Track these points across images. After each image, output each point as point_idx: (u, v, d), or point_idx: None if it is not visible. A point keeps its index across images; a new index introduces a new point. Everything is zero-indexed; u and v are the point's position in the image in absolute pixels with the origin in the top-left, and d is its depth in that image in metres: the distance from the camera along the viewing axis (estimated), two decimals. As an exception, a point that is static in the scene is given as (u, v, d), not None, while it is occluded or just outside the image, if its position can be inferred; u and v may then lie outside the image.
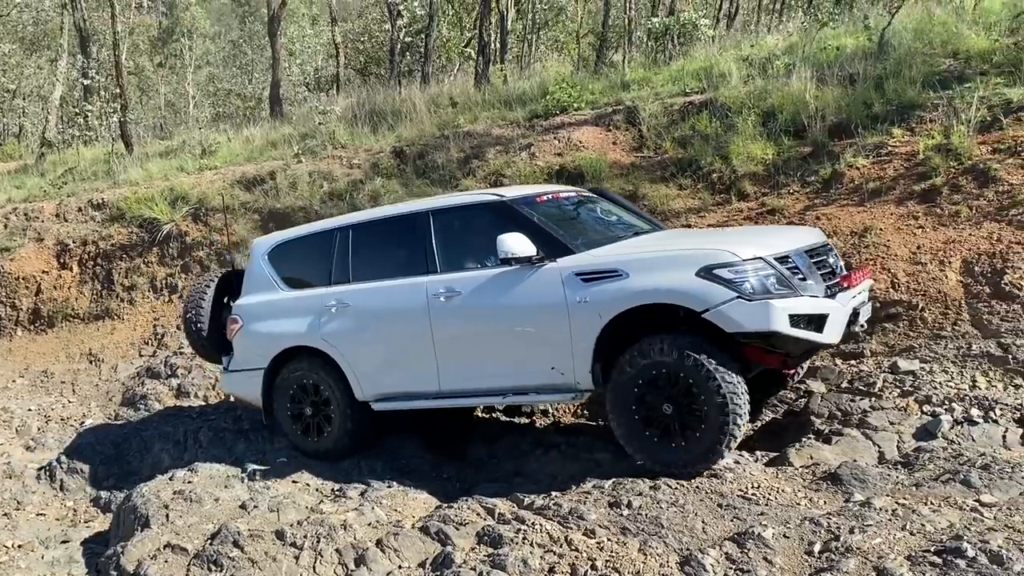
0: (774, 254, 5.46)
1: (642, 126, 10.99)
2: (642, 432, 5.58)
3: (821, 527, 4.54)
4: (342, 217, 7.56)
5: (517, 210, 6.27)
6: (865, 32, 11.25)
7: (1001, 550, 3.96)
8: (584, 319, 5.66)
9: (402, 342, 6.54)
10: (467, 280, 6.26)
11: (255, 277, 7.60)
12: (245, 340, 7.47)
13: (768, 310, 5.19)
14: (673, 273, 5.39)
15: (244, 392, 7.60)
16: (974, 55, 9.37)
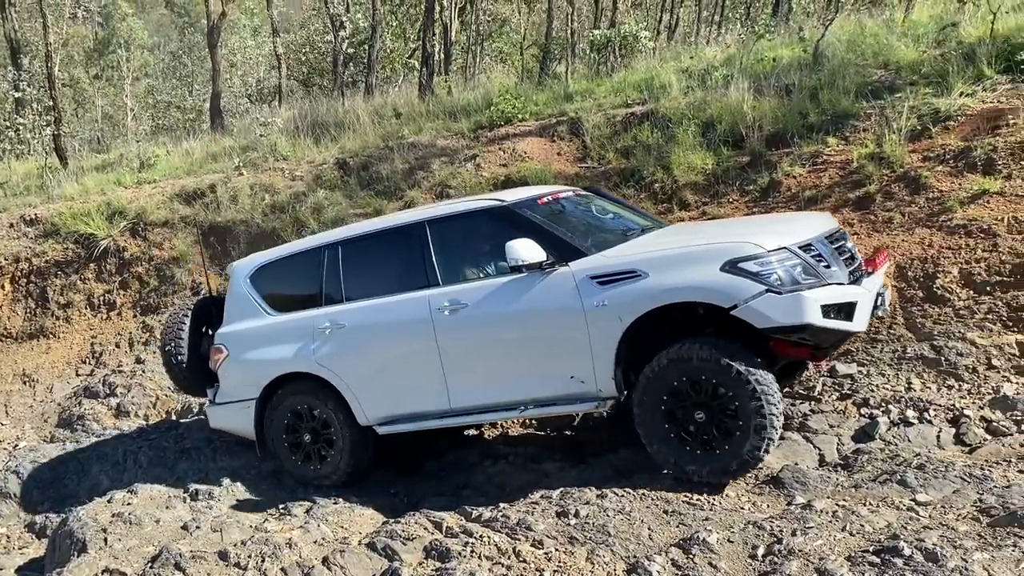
0: (798, 243, 5.26)
1: (586, 137, 11.09)
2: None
3: (764, 530, 4.62)
4: (329, 233, 7.17)
5: (520, 214, 6.02)
6: (800, 44, 11.52)
7: (936, 548, 4.06)
8: (603, 324, 5.43)
9: (406, 361, 6.24)
10: (473, 291, 5.97)
11: (238, 302, 7.16)
12: (232, 370, 7.04)
13: (801, 302, 4.99)
14: (696, 270, 5.17)
15: (235, 425, 7.17)
16: (904, 66, 9.65)
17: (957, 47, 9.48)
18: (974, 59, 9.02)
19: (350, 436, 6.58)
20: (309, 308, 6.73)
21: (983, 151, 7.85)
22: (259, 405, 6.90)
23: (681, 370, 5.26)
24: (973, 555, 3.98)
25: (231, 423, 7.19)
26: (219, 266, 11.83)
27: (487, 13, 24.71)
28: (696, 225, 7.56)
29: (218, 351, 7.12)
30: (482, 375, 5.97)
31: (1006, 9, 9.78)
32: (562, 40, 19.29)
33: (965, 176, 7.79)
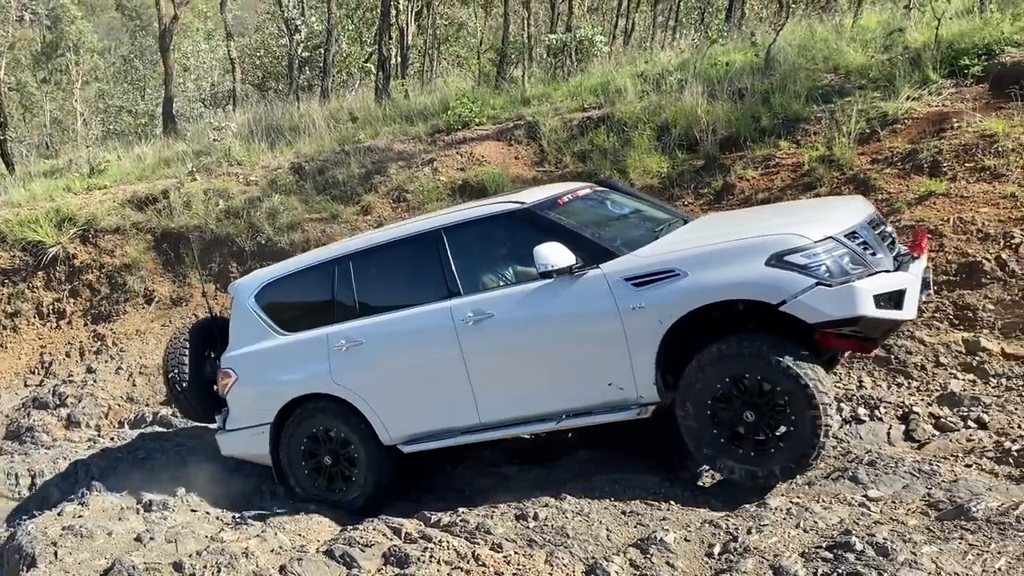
0: (843, 231, 5.04)
1: (543, 141, 11.15)
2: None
3: (720, 529, 4.66)
4: (336, 246, 6.84)
5: (543, 216, 5.75)
6: (752, 48, 11.69)
7: (886, 542, 4.14)
8: (642, 327, 5.18)
9: (430, 376, 5.95)
10: (498, 299, 5.70)
11: (243, 323, 6.79)
12: (242, 395, 6.70)
13: (853, 294, 4.77)
14: (739, 266, 4.93)
15: (249, 452, 6.82)
16: (853, 70, 9.86)
17: (904, 52, 9.71)
18: (920, 64, 9.25)
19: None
20: (321, 326, 6.39)
21: (929, 153, 8.04)
22: (274, 430, 6.56)
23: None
24: (922, 548, 4.06)
25: (245, 450, 6.84)
26: (172, 273, 11.66)
27: (444, 17, 24.70)
28: (726, 216, 7.19)
29: (226, 375, 6.76)
30: (513, 387, 5.70)
31: (950, 15, 10.04)
32: (519, 44, 19.36)
33: (912, 178, 7.98)
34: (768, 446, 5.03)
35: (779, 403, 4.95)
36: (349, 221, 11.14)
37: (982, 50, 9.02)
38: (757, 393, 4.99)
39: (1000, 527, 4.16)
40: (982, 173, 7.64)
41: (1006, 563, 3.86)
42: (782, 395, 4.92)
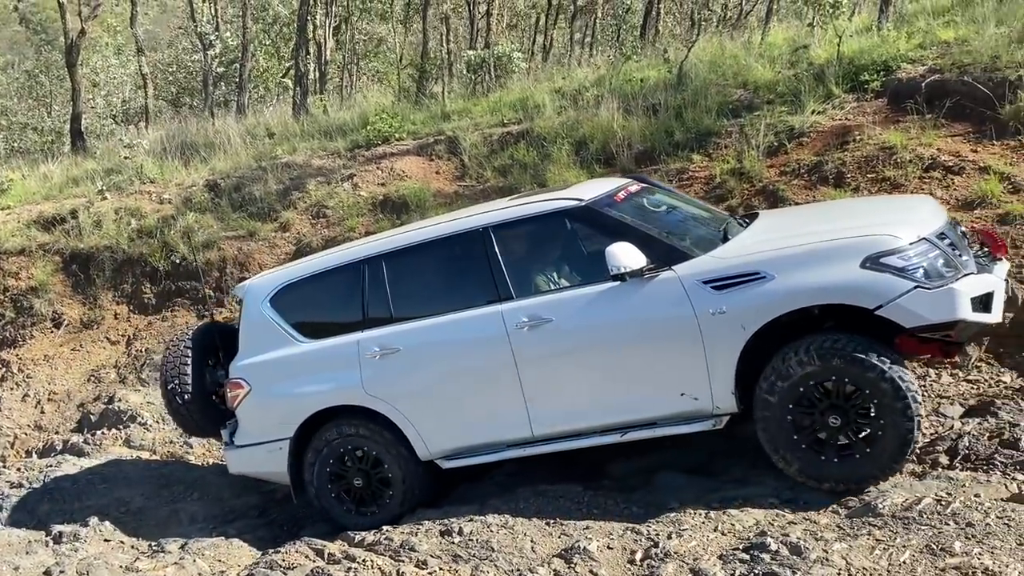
0: (934, 232, 4.85)
1: (464, 156, 11.19)
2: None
3: (642, 535, 4.74)
4: (364, 244, 6.30)
5: (605, 214, 5.40)
6: (665, 65, 12.00)
7: (800, 541, 4.28)
8: (722, 333, 4.88)
9: (477, 386, 5.56)
10: (557, 303, 5.33)
11: (257, 329, 6.25)
12: (257, 408, 6.15)
13: (953, 297, 4.56)
14: (832, 268, 4.67)
15: (263, 469, 6.31)
16: (761, 86, 10.21)
17: (808, 68, 10.11)
18: (824, 79, 9.65)
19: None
20: (349, 332, 5.92)
21: (834, 165, 8.38)
22: (293, 445, 6.06)
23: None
24: (833, 546, 4.21)
25: (258, 467, 6.31)
26: (82, 295, 11.27)
27: (362, 32, 24.57)
28: (791, 215, 6.75)
29: (237, 386, 6.21)
30: (571, 397, 5.35)
31: (850, 33, 10.50)
32: (438, 60, 19.40)
33: (818, 189, 8.30)
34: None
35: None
36: (267, 238, 10.96)
37: (880, 66, 9.46)
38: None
39: (904, 522, 4.35)
40: (883, 183, 8.00)
41: (910, 556, 4.04)
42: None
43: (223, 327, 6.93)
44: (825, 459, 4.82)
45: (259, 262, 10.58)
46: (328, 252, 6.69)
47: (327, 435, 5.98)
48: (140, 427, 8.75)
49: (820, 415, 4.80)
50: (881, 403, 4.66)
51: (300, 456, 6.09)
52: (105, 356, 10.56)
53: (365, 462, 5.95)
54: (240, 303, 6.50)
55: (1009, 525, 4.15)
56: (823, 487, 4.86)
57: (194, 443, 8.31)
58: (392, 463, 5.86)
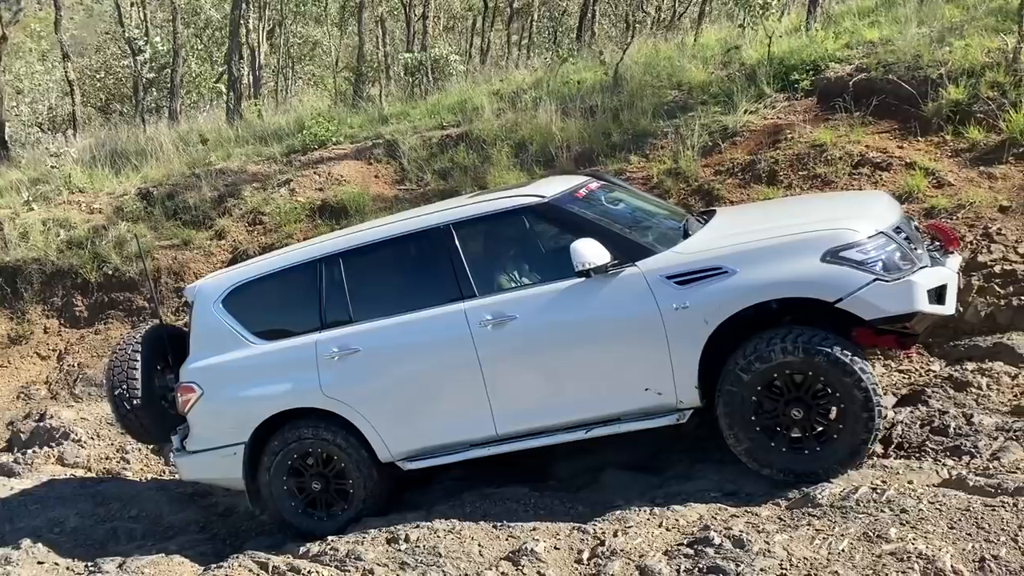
0: (890, 226, 4.97)
1: (403, 159, 11.13)
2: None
3: (588, 534, 4.77)
4: (320, 243, 6.19)
5: (567, 210, 5.42)
6: (602, 67, 12.11)
7: (742, 534, 4.35)
8: (685, 328, 4.93)
9: (440, 385, 5.53)
10: (520, 301, 5.31)
11: (208, 331, 6.07)
12: (209, 412, 5.97)
13: (911, 289, 4.67)
14: (793, 262, 4.77)
15: (216, 475, 6.18)
16: (695, 86, 10.36)
17: (740, 68, 10.31)
18: (755, 79, 9.84)
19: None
20: (306, 333, 5.80)
21: (767, 164, 8.55)
22: (248, 450, 5.90)
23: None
24: (774, 537, 4.30)
25: (212, 473, 6.19)
26: (9, 310, 10.89)
27: (297, 36, 24.27)
28: (750, 211, 6.85)
29: (189, 390, 6.02)
30: (535, 396, 5.35)
31: (780, 34, 10.74)
32: (375, 63, 19.25)
33: (752, 187, 8.46)
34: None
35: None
36: (202, 247, 10.73)
37: (810, 66, 9.69)
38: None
39: (842, 511, 4.45)
40: (814, 180, 8.20)
41: (848, 544, 4.14)
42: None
43: (172, 329, 6.74)
44: (775, 446, 4.92)
45: (194, 271, 10.35)
46: (281, 251, 6.56)
47: (283, 439, 5.84)
48: (74, 444, 8.47)
49: (783, 408, 4.87)
50: (848, 409, 4.75)
51: (255, 461, 5.94)
52: (35, 372, 10.23)
53: (324, 466, 5.82)
54: (190, 305, 6.30)
55: (941, 510, 4.28)
56: (763, 472, 4.96)
57: (131, 459, 8.10)
58: (352, 466, 5.74)
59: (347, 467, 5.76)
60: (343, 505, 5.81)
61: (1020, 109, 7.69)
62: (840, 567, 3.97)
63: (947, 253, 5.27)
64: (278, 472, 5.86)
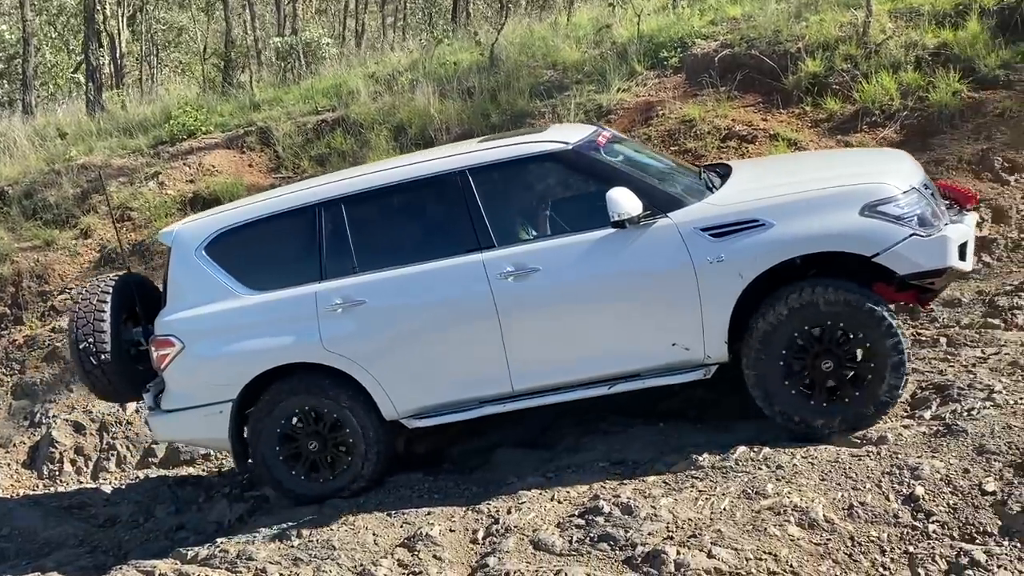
0: (919, 182, 4.96)
1: (277, 146, 10.86)
2: (800, 399, 4.82)
3: (483, 514, 4.81)
4: (317, 185, 5.73)
5: (594, 158, 5.19)
6: (478, 48, 12.09)
7: (630, 501, 4.47)
8: (719, 282, 4.79)
9: (454, 339, 5.22)
10: (544, 252, 5.07)
11: (190, 280, 5.61)
12: (191, 368, 5.53)
13: (945, 244, 4.67)
14: (832, 216, 4.69)
15: (198, 436, 5.84)
16: (569, 66, 10.49)
17: (612, 47, 10.50)
18: (627, 57, 10.04)
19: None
20: (304, 283, 5.41)
21: (640, 140, 8.74)
22: (236, 408, 5.51)
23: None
24: (660, 501, 4.43)
25: (192, 434, 5.82)
26: None
27: (160, 22, 23.18)
28: (771, 164, 6.60)
29: (167, 344, 5.53)
30: (556, 350, 5.12)
31: (648, 12, 10.98)
32: (244, 48, 18.60)
33: (629, 163, 8.63)
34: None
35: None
36: (67, 247, 10.15)
37: (677, 43, 9.97)
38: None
39: (723, 471, 4.63)
40: (685, 155, 8.40)
41: (729, 502, 4.32)
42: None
43: (140, 279, 6.32)
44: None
45: (60, 272, 9.81)
46: (271, 194, 6.09)
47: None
48: (-66, 465, 7.92)
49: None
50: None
51: (241, 420, 5.60)
52: None
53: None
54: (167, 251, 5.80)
55: (812, 463, 4.52)
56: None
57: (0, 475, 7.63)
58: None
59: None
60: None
61: (871, 80, 8.14)
62: (722, 525, 4.13)
63: (964, 211, 5.23)
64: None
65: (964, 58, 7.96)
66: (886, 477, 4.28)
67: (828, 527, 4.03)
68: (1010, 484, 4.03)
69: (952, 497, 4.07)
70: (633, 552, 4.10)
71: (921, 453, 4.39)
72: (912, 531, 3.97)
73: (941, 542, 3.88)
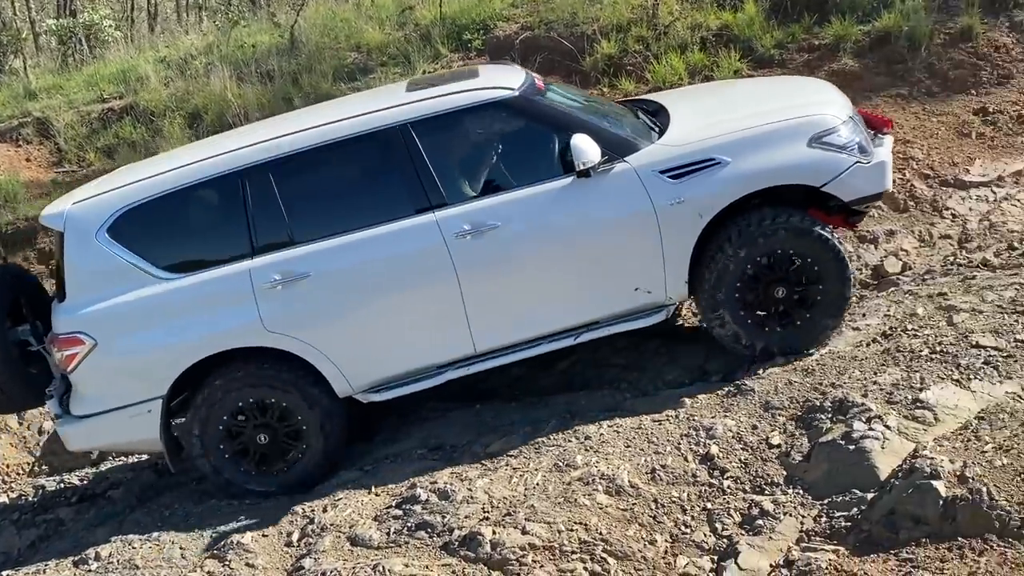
0: (851, 112, 5.13)
1: (58, 138, 9.99)
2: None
3: (297, 515, 4.67)
4: (232, 151, 5.07)
5: (542, 104, 5.02)
6: (277, 30, 11.62)
7: (447, 486, 4.48)
8: (680, 223, 4.78)
9: (412, 305, 4.92)
10: (502, 207, 4.86)
11: (94, 268, 4.97)
12: (107, 366, 4.93)
13: (884, 170, 4.91)
14: (783, 150, 4.78)
15: (124, 439, 5.15)
16: (373, 48, 10.26)
17: (416, 29, 10.36)
18: (431, 39, 9.95)
19: (325, 415, 5.05)
20: (233, 261, 4.93)
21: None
22: (166, 405, 4.99)
23: (757, 249, 4.82)
24: (476, 483, 4.47)
25: (117, 438, 5.15)
26: None
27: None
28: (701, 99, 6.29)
29: (74, 342, 4.91)
30: (520, 306, 4.96)
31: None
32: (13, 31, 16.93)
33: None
34: (795, 319, 4.97)
35: (812, 281, 4.91)
36: None
37: (480, 25, 9.97)
38: (788, 268, 4.89)
39: (536, 447, 4.73)
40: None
41: (542, 477, 4.42)
42: (813, 267, 4.88)
43: (18, 271, 5.68)
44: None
45: None
46: (176, 162, 5.25)
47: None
48: None
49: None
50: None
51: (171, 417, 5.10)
52: None
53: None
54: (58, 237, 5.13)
55: (618, 432, 4.69)
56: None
57: None
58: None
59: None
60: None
61: (661, 61, 8.51)
62: (536, 500, 4.22)
63: (881, 135, 5.35)
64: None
65: (743, 39, 8.46)
66: (684, 439, 4.51)
67: (633, 492, 4.21)
68: (792, 436, 4.36)
69: (743, 453, 4.36)
70: (451, 537, 4.11)
71: (715, 414, 4.66)
72: (709, 488, 4.21)
73: (735, 496, 4.14)
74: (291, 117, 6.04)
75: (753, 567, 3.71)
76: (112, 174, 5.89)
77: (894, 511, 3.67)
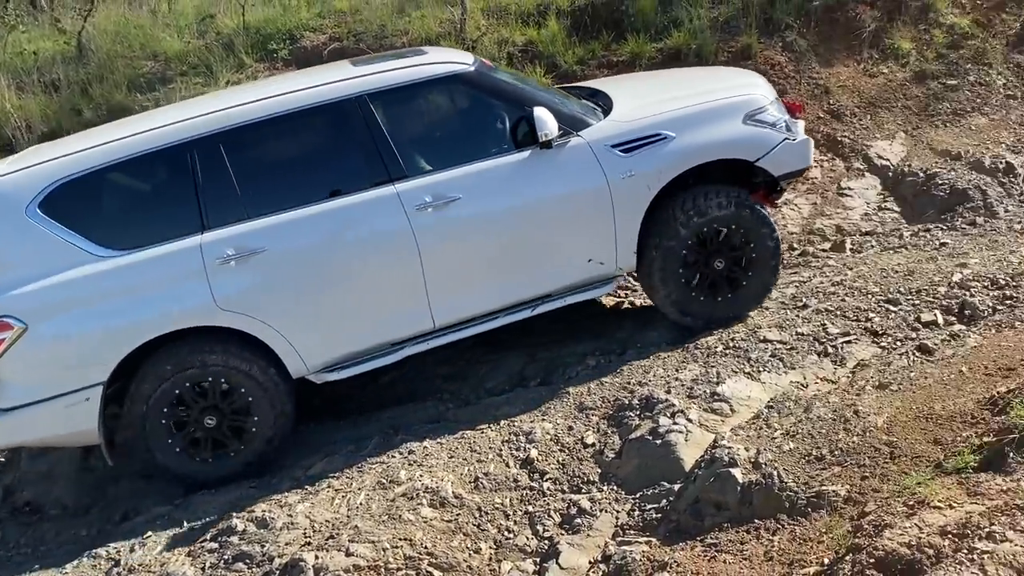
0: (775, 94, 5.55)
1: None
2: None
3: (101, 558, 4.38)
4: (183, 119, 4.81)
5: (499, 79, 5.23)
6: (62, 36, 10.81)
7: (265, 514, 4.31)
8: (631, 196, 5.03)
9: (370, 280, 4.85)
10: (464, 179, 4.90)
11: (23, 247, 4.61)
12: (43, 352, 4.57)
13: (808, 146, 5.34)
14: (722, 126, 5.13)
15: (56, 432, 4.69)
16: (172, 57, 9.78)
17: (218, 37, 9.96)
18: (234, 48, 9.61)
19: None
20: (182, 236, 4.68)
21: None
22: (107, 391, 4.64)
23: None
24: (296, 508, 4.34)
25: (48, 431, 4.69)
26: None
27: None
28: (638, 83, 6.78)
29: (3, 327, 4.49)
30: (480, 279, 5.01)
31: (253, 3, 10.60)
32: None
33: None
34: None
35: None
36: None
37: (286, 35, 9.74)
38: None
39: (358, 466, 4.65)
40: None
41: (365, 496, 4.37)
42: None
43: None
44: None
45: None
46: (118, 132, 4.92)
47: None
48: None
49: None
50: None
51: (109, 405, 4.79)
52: None
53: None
54: None
55: (441, 444, 4.72)
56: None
57: None
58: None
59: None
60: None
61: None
62: (359, 520, 4.16)
63: (794, 119, 5.66)
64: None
65: (547, 54, 8.76)
66: (506, 445, 4.61)
67: (457, 502, 4.24)
68: (605, 434, 4.56)
69: (561, 454, 4.51)
70: (271, 567, 3.97)
71: (534, 418, 4.80)
72: (530, 492, 4.32)
73: (555, 497, 4.27)
74: (237, 90, 6.00)
75: (573, 565, 3.84)
76: (31, 150, 5.59)
77: (699, 500, 3.91)
